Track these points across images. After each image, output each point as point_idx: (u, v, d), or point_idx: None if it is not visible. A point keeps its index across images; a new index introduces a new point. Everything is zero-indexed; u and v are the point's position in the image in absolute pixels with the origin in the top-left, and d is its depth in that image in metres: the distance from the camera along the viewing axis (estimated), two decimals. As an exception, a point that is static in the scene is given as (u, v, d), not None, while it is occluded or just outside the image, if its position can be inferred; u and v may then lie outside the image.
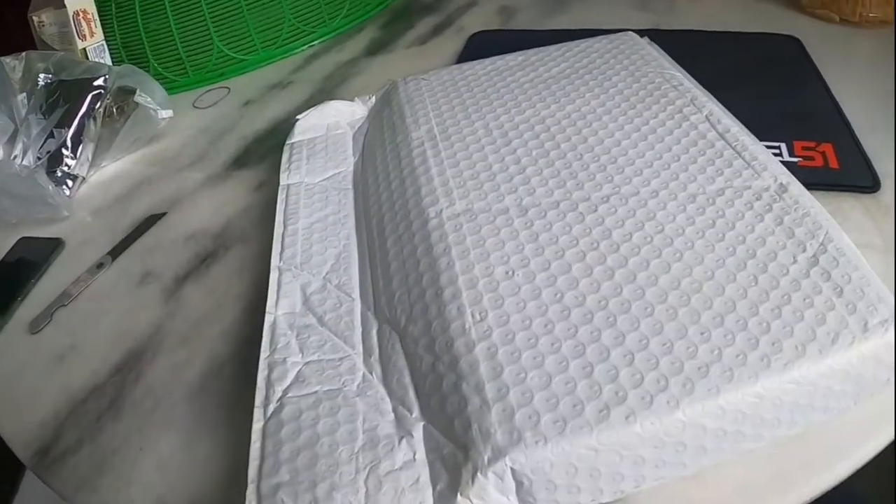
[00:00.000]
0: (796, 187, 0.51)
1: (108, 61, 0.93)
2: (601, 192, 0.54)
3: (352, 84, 0.89)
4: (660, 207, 0.51)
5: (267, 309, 0.52)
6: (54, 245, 0.71)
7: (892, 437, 0.42)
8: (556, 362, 0.41)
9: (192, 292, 0.62)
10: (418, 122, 0.66)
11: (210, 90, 0.97)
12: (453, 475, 0.38)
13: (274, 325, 0.51)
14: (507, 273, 0.48)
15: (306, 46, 1.03)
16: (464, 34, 0.99)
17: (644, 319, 0.43)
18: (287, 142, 0.72)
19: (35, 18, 0.90)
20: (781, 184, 0.52)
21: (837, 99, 0.72)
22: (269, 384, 0.46)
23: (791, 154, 0.65)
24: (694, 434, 0.39)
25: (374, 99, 0.77)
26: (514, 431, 0.38)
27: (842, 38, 0.84)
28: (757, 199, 0.51)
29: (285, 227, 0.60)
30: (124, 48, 0.96)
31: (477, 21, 1.03)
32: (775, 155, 0.62)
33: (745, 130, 0.59)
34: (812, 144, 0.66)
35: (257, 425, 0.44)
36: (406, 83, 0.74)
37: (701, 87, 0.66)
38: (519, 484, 0.38)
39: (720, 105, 0.63)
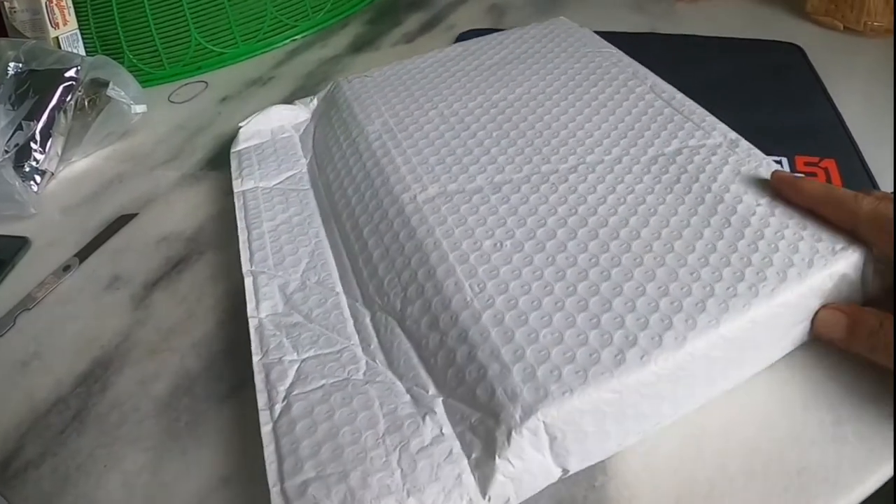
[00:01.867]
0: (745, 142, 0.56)
1: (82, 51, 0.91)
2: (568, 164, 0.57)
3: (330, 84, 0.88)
4: (626, 171, 0.55)
5: (248, 313, 0.52)
6: (20, 244, 0.69)
7: (892, 474, 0.43)
8: (564, 318, 0.44)
9: (163, 300, 0.61)
10: (371, 118, 0.67)
11: (187, 84, 0.95)
12: (487, 441, 0.40)
13: (260, 327, 0.51)
14: (495, 245, 0.50)
15: (288, 41, 1.02)
16: (453, 32, 0.99)
17: (636, 269, 0.46)
18: (232, 150, 0.72)
19: (6, 4, 0.87)
20: (731, 139, 0.57)
21: (840, 111, 0.72)
22: (270, 385, 0.46)
23: (792, 169, 0.64)
24: (702, 365, 0.42)
25: (315, 101, 0.77)
26: (539, 388, 0.40)
27: (845, 47, 0.84)
28: (713, 155, 0.55)
29: (249, 231, 0.60)
30: (98, 38, 0.94)
31: (466, 19, 1.02)
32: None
33: (687, 98, 0.63)
34: (814, 160, 0.65)
35: (266, 428, 0.43)
36: (350, 82, 0.75)
37: (637, 63, 0.71)
38: (552, 438, 0.39)
39: (660, 78, 0.67)
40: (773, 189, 0.51)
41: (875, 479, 0.42)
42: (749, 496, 0.41)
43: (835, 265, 0.45)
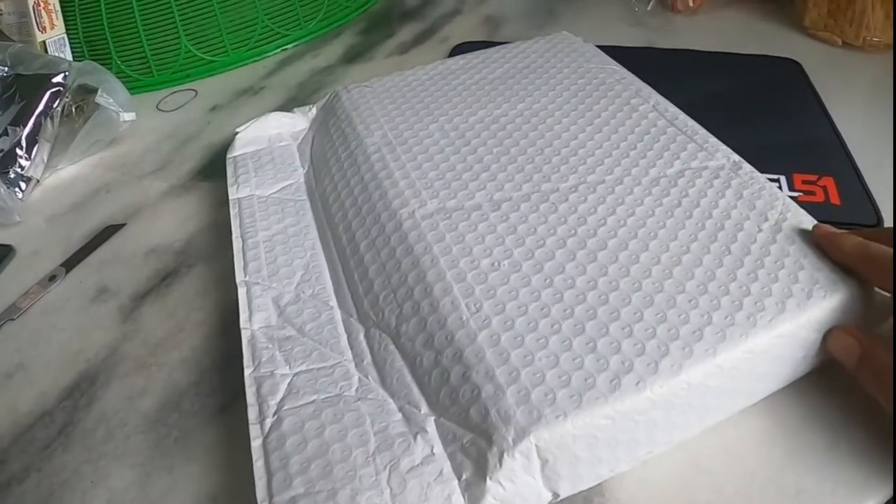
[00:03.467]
0: (748, 165, 0.57)
1: (69, 56, 0.91)
2: (568, 183, 0.57)
3: (328, 93, 0.88)
4: (627, 193, 0.56)
5: (241, 324, 0.52)
6: (4, 252, 0.68)
7: (890, 497, 0.44)
8: (560, 341, 0.44)
9: (151, 313, 0.61)
10: (370, 129, 0.68)
11: (176, 92, 0.95)
12: (478, 462, 0.40)
13: (252, 339, 0.51)
14: (493, 265, 0.50)
15: (279, 49, 1.02)
16: (447, 45, 0.99)
17: (634, 294, 0.47)
18: (229, 155, 0.72)
19: (-7, 7, 0.88)
20: (735, 162, 0.58)
21: (839, 128, 0.72)
22: (262, 399, 0.46)
23: (791, 188, 0.65)
24: (698, 394, 0.43)
25: (314, 110, 0.78)
26: (533, 411, 0.40)
27: (844, 62, 0.85)
28: (715, 178, 0.56)
29: (244, 240, 0.60)
30: (86, 43, 0.94)
31: (461, 31, 1.03)
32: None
33: (690, 118, 0.64)
34: (813, 178, 0.66)
35: (256, 443, 0.44)
36: (349, 91, 0.75)
37: (640, 81, 0.71)
38: (544, 462, 0.40)
39: (663, 97, 0.68)
40: (815, 244, 0.50)
41: (873, 503, 0.43)
42: (746, 520, 0.42)
43: (834, 298, 0.46)
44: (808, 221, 0.51)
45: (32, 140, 0.77)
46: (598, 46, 0.79)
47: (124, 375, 0.56)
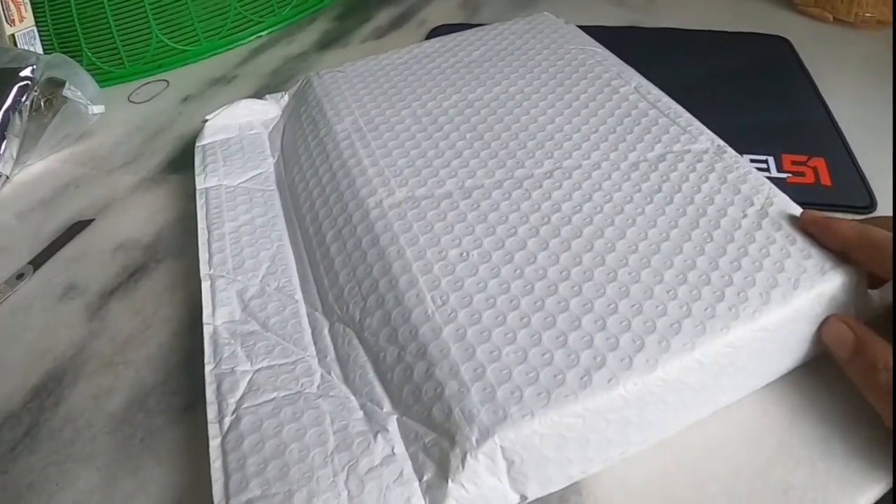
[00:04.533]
0: (732, 150, 0.55)
1: (39, 49, 0.90)
2: (543, 169, 0.56)
3: (301, 80, 0.88)
4: (605, 178, 0.54)
5: (204, 320, 0.51)
6: (-28, 250, 0.68)
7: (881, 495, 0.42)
8: (529, 335, 0.42)
9: (119, 310, 0.60)
10: (340, 115, 0.66)
11: (147, 83, 0.94)
12: (440, 463, 0.39)
13: (215, 335, 0.50)
14: (461, 255, 0.49)
15: (253, 37, 1.01)
16: (425, 28, 0.98)
17: (609, 285, 0.45)
18: (198, 144, 0.71)
19: (-40, 0, 0.87)
20: (719, 146, 0.56)
21: (830, 107, 0.71)
22: (221, 397, 0.45)
23: (780, 169, 0.64)
24: (675, 391, 0.41)
25: (286, 97, 0.77)
26: (498, 409, 0.39)
27: (835, 39, 0.84)
28: (698, 162, 0.54)
29: (210, 232, 0.59)
30: (56, 35, 0.92)
31: (439, 14, 1.02)
32: (762, 170, 0.62)
33: (674, 101, 0.62)
34: (803, 158, 0.65)
35: (214, 442, 0.43)
36: (321, 77, 0.74)
37: (623, 62, 0.70)
38: (510, 463, 0.38)
39: (646, 79, 0.66)
40: (804, 231, 0.47)
41: (866, 498, 0.41)
42: (732, 518, 0.41)
43: (823, 287, 0.44)
44: (796, 208, 0.49)
45: (1, 136, 0.75)
46: (580, 27, 0.77)
47: (91, 374, 0.55)
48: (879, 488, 0.42)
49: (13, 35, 0.87)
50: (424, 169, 0.57)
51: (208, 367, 0.48)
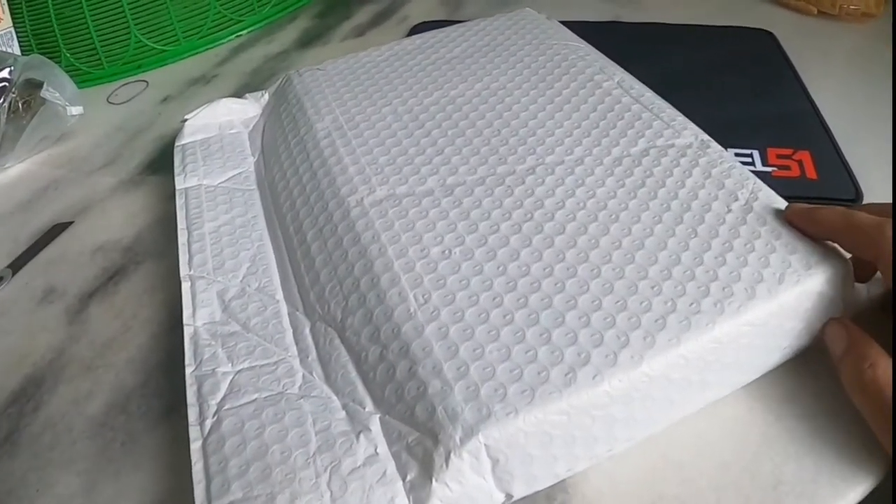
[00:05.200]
0: (716, 145, 0.55)
1: (17, 50, 0.89)
2: (525, 165, 0.55)
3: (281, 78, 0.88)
4: (587, 173, 0.54)
5: (184, 321, 0.51)
6: (-50, 255, 0.67)
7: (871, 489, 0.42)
8: (512, 333, 0.42)
9: (98, 313, 0.59)
10: (321, 113, 0.66)
11: (126, 84, 0.93)
12: (424, 463, 0.38)
13: (195, 336, 0.49)
14: (443, 252, 0.48)
15: (233, 37, 1.00)
16: (406, 25, 0.98)
17: (593, 281, 0.45)
18: (177, 143, 0.70)
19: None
20: (703, 140, 0.55)
21: (815, 100, 0.71)
22: (202, 399, 0.45)
23: (764, 163, 0.64)
24: (660, 387, 0.41)
25: (267, 95, 0.76)
26: (482, 407, 0.39)
27: (820, 32, 0.84)
28: (682, 156, 0.54)
29: (190, 232, 0.58)
30: (34, 36, 0.92)
31: (420, 10, 1.02)
32: (747, 164, 0.62)
33: (658, 96, 0.62)
34: (788, 152, 0.65)
35: (195, 445, 0.42)
36: (300, 75, 0.73)
37: (605, 57, 0.69)
38: (495, 461, 0.38)
39: (629, 74, 0.66)
40: (789, 224, 0.47)
41: (855, 494, 0.41)
42: (721, 514, 0.40)
43: (808, 282, 0.44)
44: (781, 202, 0.49)
45: (-23, 139, 0.75)
46: (563, 22, 0.77)
47: (71, 378, 0.54)
48: (868, 483, 0.42)
49: (-10, 37, 0.87)
50: (406, 166, 0.57)
51: (189, 369, 0.47)
